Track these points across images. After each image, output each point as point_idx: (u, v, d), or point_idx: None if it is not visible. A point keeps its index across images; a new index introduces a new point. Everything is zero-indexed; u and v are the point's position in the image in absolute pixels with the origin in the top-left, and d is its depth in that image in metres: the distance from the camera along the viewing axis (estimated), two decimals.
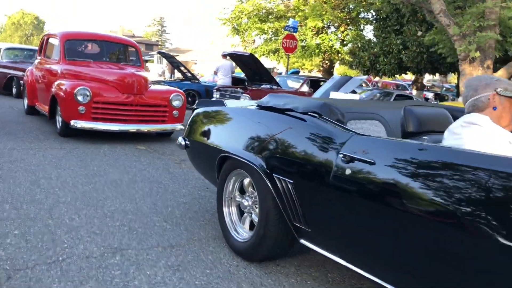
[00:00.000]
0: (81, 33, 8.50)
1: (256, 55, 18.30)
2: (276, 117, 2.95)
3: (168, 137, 8.04)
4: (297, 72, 23.93)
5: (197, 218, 3.96)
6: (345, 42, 19.95)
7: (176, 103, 7.54)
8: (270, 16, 21.33)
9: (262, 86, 13.08)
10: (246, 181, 3.19)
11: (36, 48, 11.37)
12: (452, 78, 36.93)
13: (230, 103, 4.19)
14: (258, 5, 20.98)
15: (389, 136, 3.13)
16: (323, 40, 19.90)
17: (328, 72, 22.28)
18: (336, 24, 20.69)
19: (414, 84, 22.31)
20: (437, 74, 30.72)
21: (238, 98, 12.18)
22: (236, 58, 13.25)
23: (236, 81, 15.08)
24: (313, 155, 2.55)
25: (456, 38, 11.82)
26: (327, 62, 21.87)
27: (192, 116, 3.95)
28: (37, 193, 4.29)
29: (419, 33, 15.09)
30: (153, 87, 7.77)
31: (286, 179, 2.66)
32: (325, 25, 20.24)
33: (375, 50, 16.95)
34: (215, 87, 13.48)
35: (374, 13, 19.03)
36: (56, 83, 7.48)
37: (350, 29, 20.26)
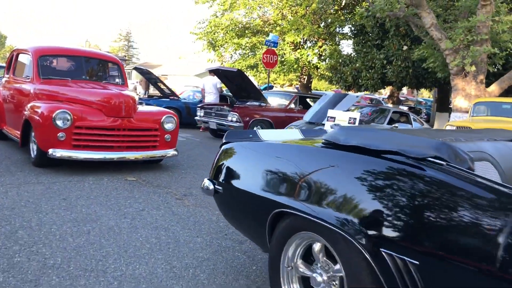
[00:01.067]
0: (56, 48, 7.46)
1: None
2: (369, 163, 2.08)
3: (157, 164, 7.05)
4: (270, 88, 23.22)
5: (230, 284, 3.03)
6: (322, 57, 19.32)
7: (168, 126, 6.58)
8: (246, 31, 20.57)
9: (249, 103, 12.23)
10: (317, 246, 2.30)
11: (3, 64, 10.18)
12: (424, 92, 37.06)
13: (264, 134, 3.31)
14: (234, 20, 20.19)
15: (504, 183, 2.30)
16: (301, 55, 19.25)
17: (306, 87, 21.63)
18: (314, 39, 20.10)
19: (390, 98, 21.93)
20: (404, 89, 30.64)
21: (225, 116, 11.29)
22: (221, 74, 12.37)
23: (220, 98, 14.21)
24: (454, 224, 1.69)
25: (448, 53, 11.32)
26: (304, 77, 21.23)
27: (221, 151, 3.05)
28: (16, 253, 3.27)
29: (404, 48, 14.59)
30: (140, 108, 6.78)
31: (407, 258, 1.79)
32: (302, 40, 19.61)
33: (357, 65, 16.37)
34: (199, 105, 12.53)
35: (352, 28, 18.54)
36: (29, 105, 6.42)
37: (327, 43, 19.70)
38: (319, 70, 20.30)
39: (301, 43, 20.08)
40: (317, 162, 2.35)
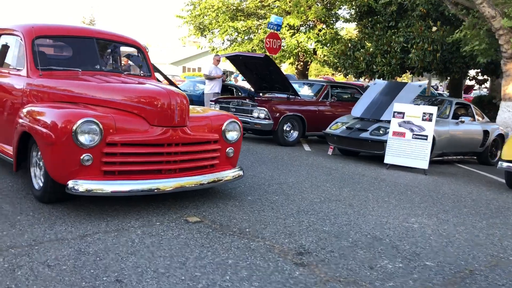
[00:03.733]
0: (57, 27, 5.11)
1: None
2: None
3: (205, 190, 4.88)
4: None
5: None
6: (322, 42, 17.32)
7: (232, 135, 4.49)
8: (238, 14, 18.32)
9: (274, 95, 10.16)
10: None
11: None
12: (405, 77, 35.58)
13: None
14: (227, 1, 17.89)
15: None
16: (300, 40, 17.22)
17: (303, 74, 19.65)
18: (311, 23, 18.09)
19: None
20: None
21: (249, 112, 9.17)
22: (239, 61, 10.20)
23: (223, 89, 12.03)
24: None
25: (502, 32, 9.57)
26: (301, 63, 19.23)
27: None
28: None
29: (434, 29, 12.77)
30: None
31: None
32: (301, 24, 17.56)
33: (370, 49, 14.47)
34: (213, 99, 10.33)
35: (357, 9, 16.62)
36: (25, 110, 4.19)
37: (327, 27, 17.72)
38: (317, 55, 18.34)
39: (298, 27, 18.03)
40: None
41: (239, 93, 13.45)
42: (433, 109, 7.60)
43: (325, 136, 8.86)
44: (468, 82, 22.89)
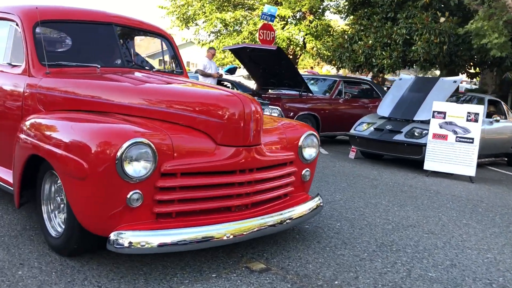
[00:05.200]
0: (66, 10, 3.73)
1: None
2: None
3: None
4: (234, 69, 19.73)
5: None
6: (315, 34, 16.28)
7: (310, 152, 3.34)
8: (225, 4, 17.02)
9: (282, 92, 9.04)
10: None
11: None
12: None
13: None
14: None
15: None
16: (291, 32, 16.13)
17: None
18: (300, 14, 17.02)
19: (374, 79, 19.44)
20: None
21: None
22: (245, 54, 9.01)
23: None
24: None
25: None
26: (290, 56, 18.13)
27: None
28: None
29: (442, 20, 11.90)
30: None
31: None
32: (293, 15, 16.47)
33: (369, 42, 13.52)
34: None
35: (351, 0, 15.63)
36: (29, 121, 2.96)
37: (318, 19, 16.69)
38: (307, 48, 17.31)
39: (287, 19, 16.92)
40: None
41: (236, 89, 12.24)
42: (479, 108, 6.67)
43: (350, 138, 7.84)
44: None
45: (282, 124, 3.42)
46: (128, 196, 2.45)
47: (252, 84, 13.39)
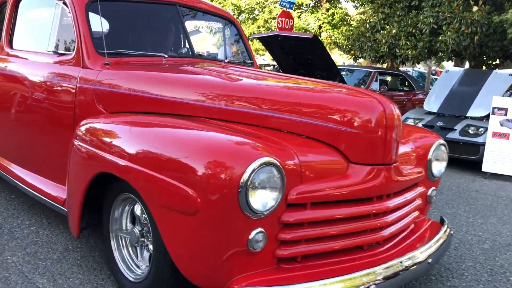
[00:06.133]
0: None
1: None
2: None
3: None
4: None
5: None
6: (333, 23, 15.50)
7: (439, 168, 2.64)
8: None
9: None
10: None
11: None
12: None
13: None
14: None
15: None
16: (308, 22, 15.34)
17: None
18: (315, 2, 16.21)
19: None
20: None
21: None
22: (275, 43, 8.25)
23: None
24: None
25: None
26: None
27: None
28: None
29: (475, 9, 11.17)
30: None
31: None
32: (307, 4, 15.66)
33: (393, 31, 12.79)
34: None
35: None
36: (83, 126, 2.27)
37: (334, 7, 15.91)
38: (321, 38, 16.50)
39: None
40: None
41: None
42: None
43: None
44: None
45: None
46: (251, 237, 1.74)
47: None
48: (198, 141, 1.86)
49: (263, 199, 1.73)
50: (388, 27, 13.30)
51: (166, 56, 2.78)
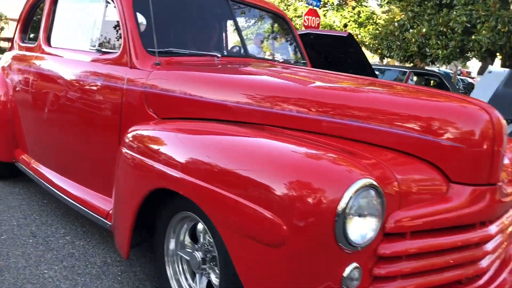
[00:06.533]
0: None
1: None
2: None
3: None
4: None
5: None
6: (360, 22, 15.10)
7: None
8: None
9: None
10: None
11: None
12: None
13: None
14: None
15: None
16: (333, 20, 14.95)
17: None
18: (341, 0, 15.81)
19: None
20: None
21: None
22: (306, 41, 7.89)
23: None
24: None
25: None
26: None
27: None
28: None
29: None
30: None
31: None
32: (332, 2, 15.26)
33: (423, 30, 12.34)
34: None
35: None
36: (141, 132, 1.95)
37: (360, 5, 15.49)
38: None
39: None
40: None
41: None
42: None
43: None
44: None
45: None
46: (345, 274, 1.44)
47: None
48: (281, 156, 1.56)
49: (362, 229, 1.43)
50: (417, 26, 12.86)
51: (220, 55, 2.49)
